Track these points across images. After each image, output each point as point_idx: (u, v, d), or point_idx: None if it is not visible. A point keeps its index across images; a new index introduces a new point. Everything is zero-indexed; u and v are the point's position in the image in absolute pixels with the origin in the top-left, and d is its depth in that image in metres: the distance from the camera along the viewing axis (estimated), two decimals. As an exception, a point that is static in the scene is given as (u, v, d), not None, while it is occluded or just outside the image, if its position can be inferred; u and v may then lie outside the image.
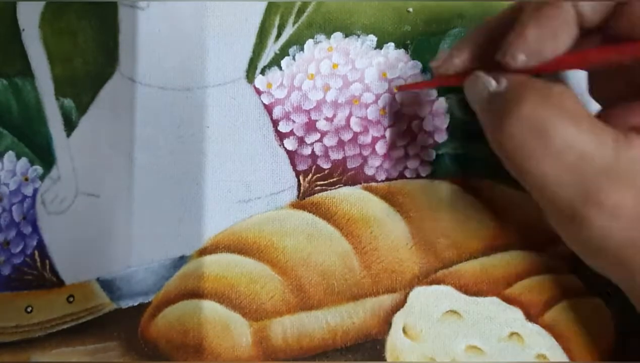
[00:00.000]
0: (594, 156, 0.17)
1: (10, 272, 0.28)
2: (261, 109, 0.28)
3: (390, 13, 0.27)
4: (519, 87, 0.18)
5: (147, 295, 0.27)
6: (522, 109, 0.18)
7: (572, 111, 0.18)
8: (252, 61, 0.28)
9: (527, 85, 0.18)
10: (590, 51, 0.18)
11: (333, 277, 0.27)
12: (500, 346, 0.27)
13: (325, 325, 0.27)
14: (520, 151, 0.18)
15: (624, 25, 0.17)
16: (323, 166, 0.27)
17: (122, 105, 0.28)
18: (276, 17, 0.28)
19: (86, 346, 0.27)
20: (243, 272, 0.27)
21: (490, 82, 0.19)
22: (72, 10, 0.28)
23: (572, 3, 0.18)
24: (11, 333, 0.27)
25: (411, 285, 0.27)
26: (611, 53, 0.17)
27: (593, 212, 0.18)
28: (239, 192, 0.27)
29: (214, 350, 0.27)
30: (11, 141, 0.28)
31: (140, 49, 0.28)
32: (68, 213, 0.28)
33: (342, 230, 0.27)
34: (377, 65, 0.27)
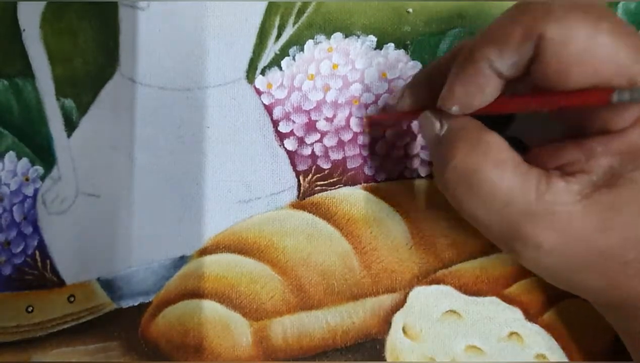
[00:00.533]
0: (518, 200, 0.19)
1: (11, 272, 0.28)
2: (261, 110, 0.28)
3: (390, 13, 0.27)
4: (454, 136, 0.20)
5: (148, 295, 0.27)
6: (454, 159, 0.20)
7: (498, 160, 0.19)
8: (252, 61, 0.28)
9: (460, 135, 0.20)
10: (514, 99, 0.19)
11: (333, 277, 0.27)
12: (500, 346, 0.27)
13: (325, 325, 0.27)
14: (455, 195, 0.20)
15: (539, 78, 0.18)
16: (323, 166, 0.27)
17: (122, 106, 0.28)
18: (276, 17, 0.28)
19: (87, 346, 0.27)
20: (243, 272, 0.27)
21: (435, 124, 0.21)
22: (72, 10, 0.28)
23: (488, 63, 0.19)
24: (12, 333, 0.28)
25: (411, 285, 0.27)
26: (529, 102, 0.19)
27: (520, 247, 0.19)
28: (239, 192, 0.27)
29: (214, 349, 0.27)
30: (12, 141, 0.28)
31: (140, 49, 0.28)
32: (69, 213, 0.28)
33: (342, 230, 0.27)
34: (377, 65, 0.27)
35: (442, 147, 0.21)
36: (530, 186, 0.19)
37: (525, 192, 0.19)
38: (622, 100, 0.17)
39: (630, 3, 0.27)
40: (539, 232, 0.19)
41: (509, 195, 0.19)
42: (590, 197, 0.19)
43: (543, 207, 0.19)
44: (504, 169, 0.19)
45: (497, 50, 0.18)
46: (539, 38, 0.18)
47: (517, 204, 0.19)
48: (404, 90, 0.24)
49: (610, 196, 0.18)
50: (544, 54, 0.18)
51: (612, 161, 0.19)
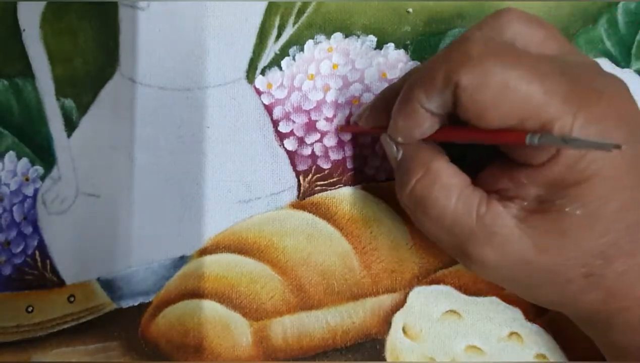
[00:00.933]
0: (462, 221, 0.21)
1: (11, 272, 0.28)
2: (261, 110, 0.28)
3: (390, 13, 0.27)
4: (407, 163, 0.22)
5: (148, 295, 0.27)
6: (408, 185, 0.22)
7: (444, 185, 0.21)
8: (252, 61, 0.28)
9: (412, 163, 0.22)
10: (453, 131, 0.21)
11: (333, 277, 0.27)
12: (500, 346, 0.27)
13: (325, 325, 0.27)
14: (413, 217, 0.22)
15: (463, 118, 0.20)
16: (323, 166, 0.27)
17: (122, 106, 0.28)
18: (276, 17, 0.28)
19: (87, 346, 0.27)
20: (243, 272, 0.27)
21: (393, 148, 0.23)
22: (72, 10, 0.28)
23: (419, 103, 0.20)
24: (12, 333, 0.28)
25: (411, 285, 0.27)
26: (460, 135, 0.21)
27: (467, 263, 0.22)
28: (239, 192, 0.27)
29: (214, 349, 0.27)
30: (12, 141, 0.28)
31: (140, 49, 0.28)
32: (69, 213, 0.28)
33: (342, 230, 0.27)
34: (377, 65, 0.27)
35: (399, 172, 0.23)
36: (472, 209, 0.21)
37: (468, 214, 0.21)
38: (533, 143, 0.18)
39: (630, 3, 0.27)
40: (481, 250, 0.20)
41: (455, 217, 0.21)
42: (526, 221, 0.20)
43: (483, 228, 0.20)
44: (450, 193, 0.21)
45: (424, 94, 0.20)
46: (456, 85, 0.19)
47: (462, 225, 0.21)
48: (365, 110, 0.25)
49: (543, 221, 0.20)
50: (461, 99, 0.19)
51: (538, 191, 0.20)
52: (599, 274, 0.20)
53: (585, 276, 0.20)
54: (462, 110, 0.19)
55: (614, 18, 0.27)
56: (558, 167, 0.19)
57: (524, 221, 0.20)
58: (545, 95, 0.18)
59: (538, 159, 0.19)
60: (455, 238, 0.21)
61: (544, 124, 0.18)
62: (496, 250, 0.20)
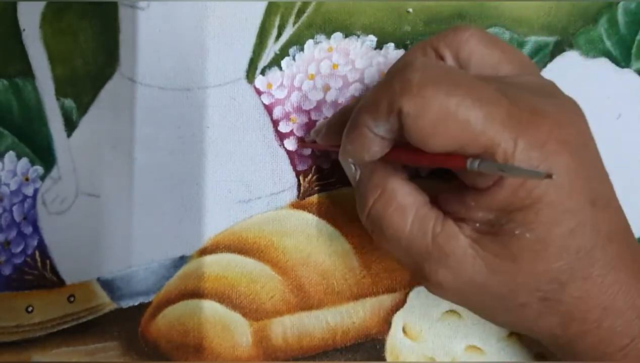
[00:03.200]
0: (418, 242, 0.21)
1: (11, 272, 0.28)
2: (261, 109, 0.28)
3: (390, 13, 0.27)
4: (364, 184, 0.22)
5: (148, 295, 0.27)
6: (366, 207, 0.22)
7: (399, 206, 0.21)
8: (252, 61, 0.28)
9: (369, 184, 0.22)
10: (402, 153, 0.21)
11: (333, 277, 0.27)
12: (500, 346, 0.27)
13: (325, 325, 0.27)
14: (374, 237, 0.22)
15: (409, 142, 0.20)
16: (323, 166, 0.27)
17: (122, 106, 0.28)
18: (276, 17, 0.28)
19: (87, 346, 0.27)
20: (243, 272, 0.27)
21: (350, 167, 0.23)
22: (72, 10, 0.28)
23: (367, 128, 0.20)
24: (12, 333, 0.28)
25: (411, 284, 0.27)
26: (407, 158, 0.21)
27: (425, 284, 0.21)
28: (239, 192, 0.27)
29: (214, 349, 0.27)
30: (12, 141, 0.28)
31: (140, 49, 0.28)
32: (68, 213, 0.28)
33: (342, 230, 0.27)
34: (377, 65, 0.27)
35: (358, 193, 0.23)
36: (427, 229, 0.21)
37: (423, 235, 0.21)
38: (473, 169, 0.18)
39: (631, 3, 0.27)
40: (436, 272, 0.20)
41: (410, 238, 0.21)
42: (479, 243, 0.20)
43: (438, 249, 0.20)
44: (404, 214, 0.21)
45: (372, 119, 0.20)
46: (399, 112, 0.19)
47: (418, 246, 0.21)
48: (322, 127, 0.26)
49: (495, 243, 0.20)
50: (405, 125, 0.19)
51: (487, 215, 0.20)
52: (554, 299, 0.20)
53: (541, 300, 0.20)
54: (407, 135, 0.19)
55: (614, 18, 0.27)
56: (503, 191, 0.19)
57: (477, 242, 0.20)
58: (485, 121, 0.18)
59: (483, 183, 0.19)
60: (412, 259, 0.21)
61: (486, 150, 0.18)
62: (450, 272, 0.20)
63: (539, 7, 0.27)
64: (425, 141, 0.19)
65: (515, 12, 0.27)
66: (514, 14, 0.27)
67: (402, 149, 0.21)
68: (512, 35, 0.27)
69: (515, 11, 0.27)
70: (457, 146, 0.19)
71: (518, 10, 0.27)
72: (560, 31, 0.27)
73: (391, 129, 0.20)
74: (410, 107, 0.19)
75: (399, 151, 0.21)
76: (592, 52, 0.27)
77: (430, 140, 0.19)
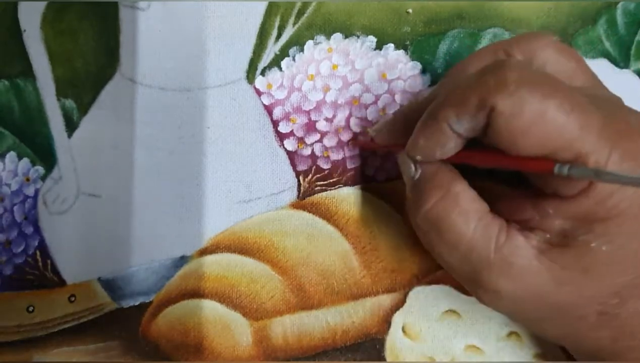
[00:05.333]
0: (479, 249, 0.20)
1: (12, 272, 0.28)
2: (261, 110, 0.28)
3: (389, 14, 0.27)
4: (425, 183, 0.22)
5: (148, 294, 0.27)
6: (424, 206, 0.21)
7: (463, 210, 0.21)
8: (252, 62, 0.28)
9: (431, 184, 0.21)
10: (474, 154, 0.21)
11: (333, 276, 0.27)
12: (500, 345, 0.27)
13: (325, 325, 0.27)
14: (425, 238, 0.22)
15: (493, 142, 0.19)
16: (323, 166, 0.28)
17: (123, 106, 0.28)
18: (276, 17, 0.28)
19: (87, 345, 0.27)
20: (243, 272, 0.27)
21: (410, 167, 0.22)
22: (73, 11, 0.28)
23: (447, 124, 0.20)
24: (13, 333, 0.28)
25: (410, 284, 0.27)
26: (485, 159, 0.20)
27: (481, 293, 0.21)
28: (239, 193, 0.27)
29: (215, 349, 0.27)
30: (13, 142, 0.28)
31: (141, 50, 0.28)
32: (69, 213, 0.28)
33: (342, 230, 0.27)
34: (376, 66, 0.27)
35: (415, 192, 0.22)
36: (491, 237, 0.20)
37: (486, 243, 0.20)
38: (561, 174, 0.18)
39: (630, 3, 0.27)
40: (496, 281, 0.20)
41: (471, 244, 0.20)
42: (546, 254, 0.20)
43: (501, 259, 0.20)
44: (468, 219, 0.20)
45: (455, 115, 0.19)
46: (491, 110, 0.18)
47: (479, 253, 0.20)
48: (382, 126, 0.25)
49: (564, 255, 0.19)
50: (495, 124, 0.18)
51: (564, 224, 0.19)
52: (612, 313, 0.20)
53: (599, 314, 0.20)
54: (495, 135, 0.19)
55: (613, 18, 0.27)
56: (588, 201, 0.19)
57: (544, 253, 0.20)
58: (581, 128, 0.18)
59: (569, 190, 0.19)
60: (469, 266, 0.21)
61: (577, 157, 0.18)
62: (512, 282, 0.20)
63: (538, 7, 0.27)
64: (515, 142, 0.18)
65: (514, 13, 0.27)
66: (514, 15, 0.27)
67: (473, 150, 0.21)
68: (511, 36, 0.27)
69: (515, 12, 0.27)
70: (548, 150, 0.18)
71: (517, 10, 0.27)
72: (559, 32, 0.27)
73: (474, 127, 0.19)
74: (505, 105, 0.18)
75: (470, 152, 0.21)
76: (591, 53, 0.27)
77: (521, 141, 0.18)
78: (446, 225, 0.21)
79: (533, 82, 0.18)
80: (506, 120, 0.18)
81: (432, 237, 0.21)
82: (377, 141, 0.26)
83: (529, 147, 0.18)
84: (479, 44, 0.27)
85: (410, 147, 0.22)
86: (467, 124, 0.19)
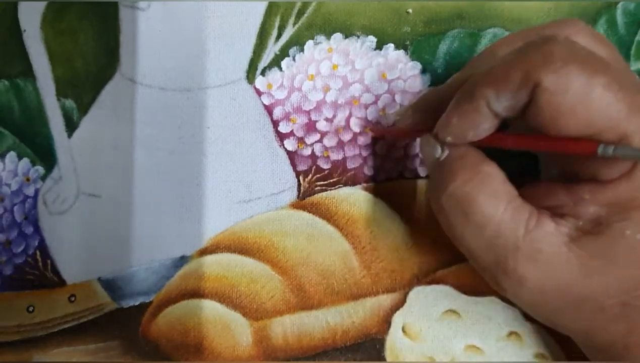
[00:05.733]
0: (507, 233, 0.19)
1: (12, 272, 0.28)
2: (261, 110, 0.28)
3: (389, 14, 0.27)
4: (454, 163, 0.21)
5: (148, 294, 0.27)
6: (451, 185, 0.20)
7: (493, 191, 0.20)
8: (252, 62, 0.28)
9: (460, 163, 0.20)
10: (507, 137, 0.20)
11: (333, 276, 0.27)
12: (500, 345, 0.27)
13: (325, 325, 0.27)
14: (448, 221, 0.21)
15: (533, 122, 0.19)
16: (323, 166, 0.28)
17: (123, 106, 0.28)
18: (276, 17, 0.28)
19: (87, 345, 0.27)
20: (243, 272, 0.27)
21: (436, 148, 0.21)
22: (73, 11, 0.28)
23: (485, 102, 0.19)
24: (13, 333, 0.28)
25: (410, 284, 0.27)
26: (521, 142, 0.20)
27: (504, 279, 0.20)
28: (239, 193, 0.27)
29: (215, 349, 0.27)
30: (13, 142, 0.28)
31: (140, 50, 0.28)
32: (69, 213, 0.28)
33: (342, 230, 0.27)
34: (376, 66, 0.27)
35: (440, 172, 0.21)
36: (521, 222, 0.19)
37: (515, 227, 0.19)
38: (606, 155, 0.17)
39: (630, 3, 0.27)
40: (522, 267, 0.19)
41: (499, 228, 0.19)
42: (577, 242, 0.19)
43: (530, 244, 0.19)
44: (498, 200, 0.20)
45: (495, 92, 0.19)
46: (535, 85, 0.18)
47: (506, 237, 0.19)
48: (408, 109, 0.25)
49: (595, 243, 0.19)
50: (539, 101, 0.18)
51: (599, 210, 0.19)
52: (633, 305, 0.19)
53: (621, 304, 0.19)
54: (537, 112, 0.18)
55: (613, 19, 0.27)
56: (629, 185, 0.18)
57: (575, 241, 0.19)
58: (628, 109, 0.17)
59: (609, 174, 0.18)
60: (494, 250, 0.20)
61: (622, 138, 0.17)
62: (539, 269, 0.19)
63: (539, 7, 0.27)
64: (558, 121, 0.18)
65: (514, 13, 0.27)
66: (514, 15, 0.27)
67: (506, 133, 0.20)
68: (511, 36, 0.27)
69: (515, 12, 0.27)
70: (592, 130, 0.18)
71: (517, 10, 0.27)
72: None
73: (514, 105, 0.19)
74: (551, 81, 0.17)
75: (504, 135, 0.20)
76: (591, 53, 0.27)
77: (565, 120, 0.18)
78: (474, 206, 0.20)
79: (581, 59, 0.18)
80: (551, 97, 0.17)
81: (457, 218, 0.20)
82: (400, 125, 0.25)
83: (573, 126, 0.18)
84: (479, 44, 0.27)
85: (442, 127, 0.21)
86: (506, 102, 0.19)
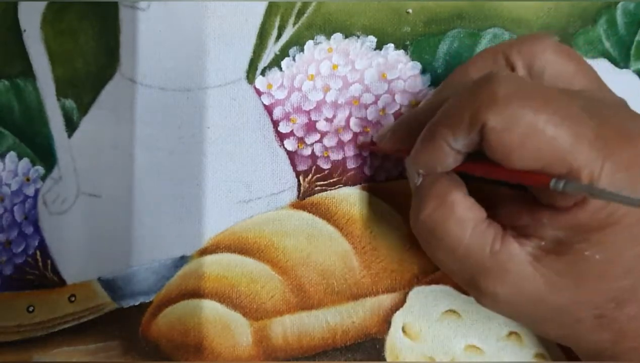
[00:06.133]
0: (475, 255, 0.20)
1: (12, 272, 0.28)
2: (261, 110, 0.28)
3: (389, 14, 0.27)
4: (424, 191, 0.22)
5: (148, 294, 0.27)
6: (422, 213, 0.21)
7: (459, 218, 0.21)
8: (252, 62, 0.28)
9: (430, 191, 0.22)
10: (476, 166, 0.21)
11: (333, 276, 0.27)
12: (499, 345, 0.27)
13: (325, 325, 0.27)
14: (424, 243, 0.22)
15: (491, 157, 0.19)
16: (323, 166, 0.28)
17: (123, 106, 0.28)
18: (276, 18, 0.28)
19: (87, 345, 0.27)
20: (243, 272, 0.27)
21: (414, 174, 0.23)
22: (73, 11, 0.28)
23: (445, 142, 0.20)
24: (13, 333, 0.28)
25: (410, 284, 0.27)
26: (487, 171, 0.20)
27: (478, 296, 0.21)
28: (239, 192, 0.27)
29: (215, 349, 0.27)
30: (13, 142, 0.28)
31: (141, 50, 0.28)
32: (69, 213, 0.28)
33: (342, 230, 0.27)
34: (376, 66, 0.27)
35: (416, 197, 0.22)
36: (486, 244, 0.20)
37: (481, 249, 0.20)
38: (557, 189, 0.18)
39: (630, 3, 0.27)
40: (493, 286, 0.20)
41: (467, 250, 0.21)
42: (541, 261, 0.20)
43: (497, 265, 0.20)
44: (464, 226, 0.21)
45: (451, 133, 0.20)
46: (483, 126, 0.18)
47: (474, 259, 0.21)
48: (387, 131, 0.25)
49: (559, 262, 0.20)
50: (489, 140, 0.19)
51: (558, 233, 0.20)
52: (610, 317, 0.20)
53: (597, 317, 0.20)
54: (489, 150, 0.19)
55: (613, 18, 0.27)
56: (583, 213, 0.19)
57: (539, 260, 0.20)
58: (573, 141, 0.18)
59: (564, 203, 0.19)
60: (466, 270, 0.21)
61: (571, 170, 0.18)
62: (508, 287, 0.20)
63: (538, 7, 0.27)
64: (509, 157, 0.18)
65: (514, 13, 0.27)
66: (513, 15, 0.27)
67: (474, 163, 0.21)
68: (511, 36, 0.27)
69: (515, 12, 0.27)
70: (541, 164, 0.18)
71: (517, 10, 0.27)
72: (559, 32, 0.27)
73: (470, 143, 0.19)
74: (496, 121, 0.18)
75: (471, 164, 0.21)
76: (591, 53, 0.27)
77: (514, 156, 0.18)
78: (442, 232, 0.21)
79: (523, 96, 0.18)
80: (498, 136, 0.18)
81: (430, 243, 0.22)
82: (381, 147, 0.26)
83: (523, 161, 0.18)
84: (479, 44, 0.27)
85: (413, 161, 0.22)
86: (463, 141, 0.20)
